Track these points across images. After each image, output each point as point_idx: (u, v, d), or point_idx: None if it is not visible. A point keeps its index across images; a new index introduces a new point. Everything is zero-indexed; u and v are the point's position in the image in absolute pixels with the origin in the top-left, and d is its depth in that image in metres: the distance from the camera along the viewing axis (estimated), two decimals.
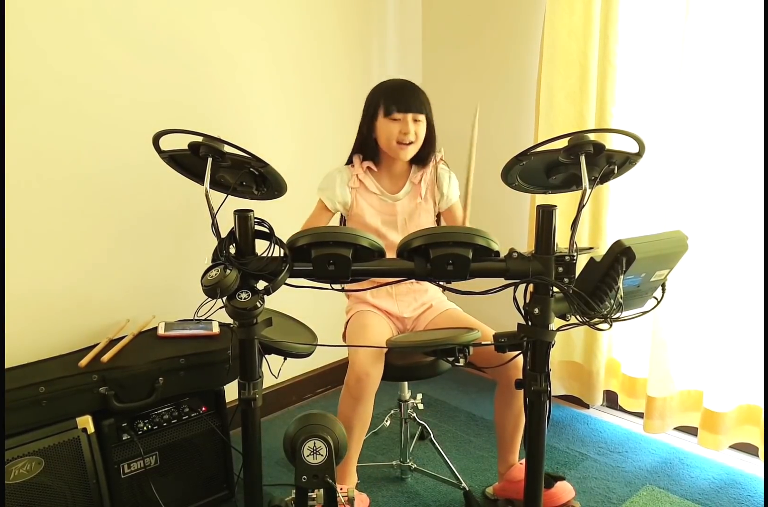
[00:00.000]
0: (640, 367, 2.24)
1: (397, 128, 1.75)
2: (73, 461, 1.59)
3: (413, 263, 1.28)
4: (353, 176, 1.84)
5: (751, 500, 1.89)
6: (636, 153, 1.31)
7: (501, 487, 1.88)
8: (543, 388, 1.31)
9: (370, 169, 1.85)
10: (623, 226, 2.20)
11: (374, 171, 1.86)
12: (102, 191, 1.88)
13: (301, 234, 1.28)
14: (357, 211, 1.85)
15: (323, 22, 2.31)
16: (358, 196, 1.84)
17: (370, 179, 1.85)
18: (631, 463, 2.09)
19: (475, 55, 2.51)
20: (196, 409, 1.78)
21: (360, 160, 1.85)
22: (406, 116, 1.75)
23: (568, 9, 2.05)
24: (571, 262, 1.26)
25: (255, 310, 1.28)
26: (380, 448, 2.19)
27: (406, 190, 1.87)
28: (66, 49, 1.75)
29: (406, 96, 1.76)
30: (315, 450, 1.24)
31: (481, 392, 2.57)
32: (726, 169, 1.90)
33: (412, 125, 1.75)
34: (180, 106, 1.99)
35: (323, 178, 1.87)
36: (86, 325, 1.90)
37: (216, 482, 1.86)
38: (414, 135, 1.76)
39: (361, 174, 1.84)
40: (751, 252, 1.90)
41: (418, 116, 1.76)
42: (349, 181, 1.84)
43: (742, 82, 1.83)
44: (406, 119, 1.75)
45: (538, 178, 1.39)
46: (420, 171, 1.87)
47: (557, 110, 2.15)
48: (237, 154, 1.32)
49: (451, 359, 1.46)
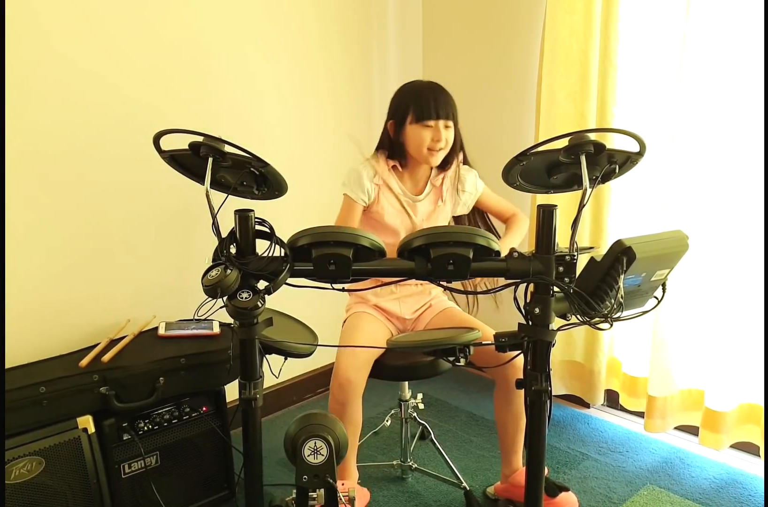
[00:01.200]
0: (641, 366, 2.24)
1: (429, 135, 1.72)
2: (74, 461, 1.59)
3: (414, 263, 1.28)
4: (377, 173, 1.81)
5: (751, 500, 1.89)
6: (637, 152, 1.31)
7: (503, 488, 1.88)
8: (544, 387, 1.31)
9: (395, 168, 1.83)
10: (624, 225, 2.20)
11: (398, 170, 1.84)
12: (103, 191, 1.88)
13: (301, 234, 1.28)
14: (377, 209, 1.83)
15: (323, 22, 2.31)
16: (381, 194, 1.82)
17: (393, 179, 1.82)
18: (632, 462, 2.09)
19: (476, 55, 2.51)
20: (197, 409, 1.78)
21: (385, 157, 1.82)
22: (438, 123, 1.72)
23: (568, 8, 2.05)
24: (571, 261, 1.26)
25: (256, 310, 1.28)
26: (381, 448, 2.19)
27: (427, 193, 1.86)
28: (66, 49, 1.75)
29: (438, 102, 1.72)
30: (316, 450, 1.24)
31: (482, 392, 2.57)
32: (726, 168, 1.90)
33: (443, 132, 1.73)
34: (180, 106, 1.99)
35: (347, 174, 1.82)
36: (87, 325, 1.90)
37: (216, 482, 1.86)
38: (445, 141, 1.74)
39: (386, 173, 1.81)
40: (751, 251, 1.90)
41: (449, 122, 1.74)
42: (374, 177, 1.81)
43: (742, 82, 1.83)
44: (438, 126, 1.72)
45: (539, 177, 1.39)
46: (441, 174, 1.86)
47: (558, 110, 2.14)
48: (237, 153, 1.32)
49: (452, 359, 1.45)
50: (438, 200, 1.86)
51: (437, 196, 1.87)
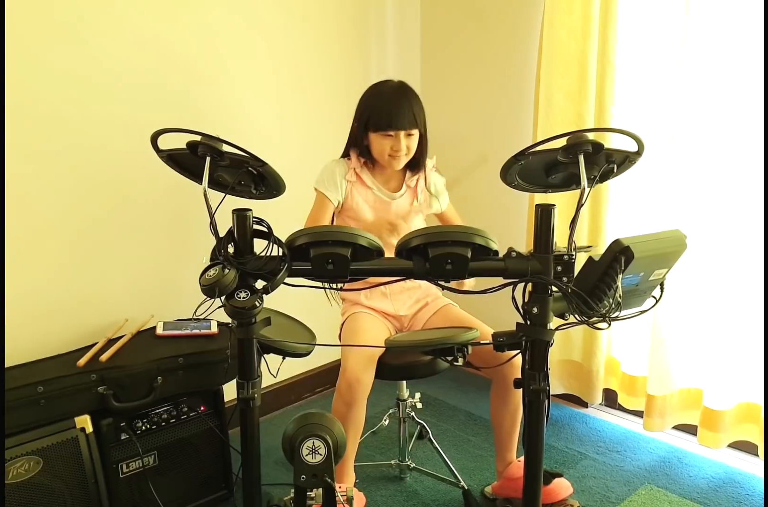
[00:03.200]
0: (640, 365, 2.24)
1: (389, 144, 1.75)
2: (72, 461, 1.59)
3: (412, 262, 1.28)
4: (350, 169, 1.83)
5: (749, 499, 1.89)
6: (635, 152, 1.31)
7: (499, 485, 1.88)
8: (542, 387, 1.31)
9: (367, 164, 1.85)
10: (622, 225, 2.20)
11: (371, 166, 1.85)
12: (100, 191, 1.88)
13: (299, 233, 1.28)
14: (351, 205, 1.84)
15: (322, 21, 2.31)
16: (354, 190, 1.83)
17: (366, 173, 1.84)
18: (630, 462, 2.09)
19: (474, 55, 2.50)
20: (195, 408, 1.78)
21: (357, 153, 1.84)
22: (399, 133, 1.73)
23: (567, 8, 2.05)
24: (569, 261, 1.26)
25: (254, 310, 1.28)
26: (379, 448, 2.19)
27: (402, 192, 1.88)
28: (66, 49, 1.74)
29: (400, 112, 1.72)
30: (314, 449, 1.24)
31: (480, 391, 2.57)
32: (725, 168, 1.90)
33: (404, 141, 1.74)
34: (178, 106, 1.99)
35: (321, 171, 1.85)
36: (84, 325, 1.90)
37: (215, 482, 1.86)
38: (406, 149, 1.76)
39: (358, 168, 1.83)
40: (750, 250, 1.90)
41: (411, 131, 1.75)
42: (347, 174, 1.83)
43: (741, 82, 1.83)
44: (399, 136, 1.73)
45: (537, 177, 1.39)
46: (415, 176, 1.88)
47: (556, 110, 2.14)
48: (235, 153, 1.32)
49: (450, 359, 1.45)
50: (413, 200, 1.89)
51: (412, 196, 1.89)
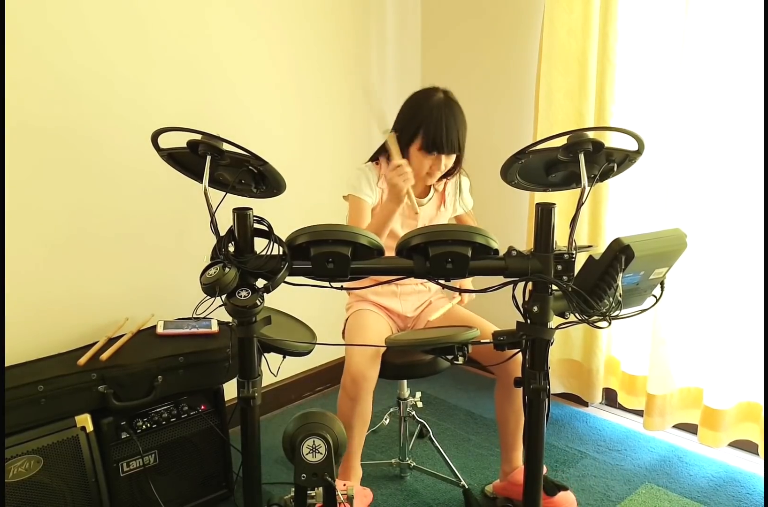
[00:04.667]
0: (640, 364, 2.24)
1: (429, 163, 1.71)
2: (72, 460, 1.59)
3: (412, 261, 1.28)
4: (382, 177, 1.80)
5: (749, 498, 1.89)
6: (635, 151, 1.31)
7: (502, 486, 1.88)
8: (542, 386, 1.31)
9: None
10: (622, 224, 2.20)
11: None
12: (101, 190, 1.88)
13: (300, 232, 1.28)
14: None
15: (322, 21, 2.31)
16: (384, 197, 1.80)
17: None
18: (630, 461, 2.09)
19: (475, 54, 2.50)
20: (195, 407, 1.78)
21: (387, 161, 1.80)
22: (442, 156, 1.70)
23: (567, 7, 2.05)
24: (570, 260, 1.25)
25: (254, 309, 1.28)
26: (379, 447, 2.19)
27: (430, 197, 1.87)
28: (65, 49, 1.74)
29: (448, 137, 1.67)
30: (314, 448, 1.24)
31: (480, 390, 2.57)
32: (725, 167, 1.90)
33: (445, 161, 1.72)
34: (179, 104, 1.99)
35: (352, 178, 1.81)
36: (85, 324, 1.90)
37: (215, 481, 1.86)
38: (444, 167, 1.74)
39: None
40: (750, 250, 1.90)
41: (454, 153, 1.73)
42: (378, 181, 1.81)
43: (741, 80, 1.83)
44: (441, 158, 1.71)
45: (537, 175, 1.39)
46: (443, 180, 1.86)
47: (556, 108, 2.14)
48: (236, 152, 1.32)
49: (450, 358, 1.45)
50: (441, 205, 1.88)
51: (440, 200, 1.88)
